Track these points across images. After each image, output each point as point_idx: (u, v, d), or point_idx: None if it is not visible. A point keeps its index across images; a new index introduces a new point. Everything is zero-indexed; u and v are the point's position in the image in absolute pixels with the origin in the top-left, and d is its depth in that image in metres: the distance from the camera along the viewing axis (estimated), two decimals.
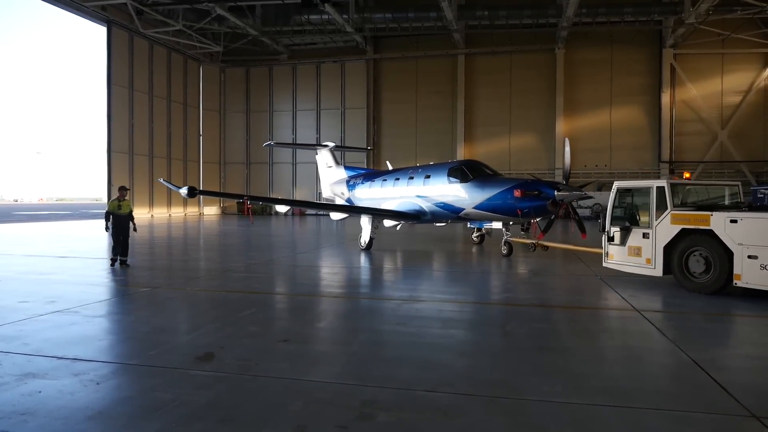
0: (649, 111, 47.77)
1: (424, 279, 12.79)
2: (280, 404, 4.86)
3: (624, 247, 11.21)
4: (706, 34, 44.42)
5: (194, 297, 10.37)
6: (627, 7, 43.03)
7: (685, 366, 5.96)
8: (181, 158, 53.14)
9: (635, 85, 47.88)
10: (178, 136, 52.61)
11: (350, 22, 45.49)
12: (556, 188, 14.47)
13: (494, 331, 7.67)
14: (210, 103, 56.92)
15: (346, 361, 6.18)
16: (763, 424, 4.42)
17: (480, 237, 20.75)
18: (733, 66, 46.47)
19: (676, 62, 46.68)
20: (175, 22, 44.88)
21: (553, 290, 11.23)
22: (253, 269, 14.02)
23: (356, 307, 9.54)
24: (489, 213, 15.84)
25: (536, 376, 5.60)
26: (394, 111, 52.57)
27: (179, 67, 52.52)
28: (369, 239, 18.18)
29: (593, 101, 48.34)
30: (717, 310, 8.87)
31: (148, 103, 48.49)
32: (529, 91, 49.31)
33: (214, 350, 6.56)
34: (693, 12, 40.46)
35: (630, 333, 7.54)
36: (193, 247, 21.79)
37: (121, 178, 43.45)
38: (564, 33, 45.57)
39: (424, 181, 18.12)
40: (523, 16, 44.56)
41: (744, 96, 46.23)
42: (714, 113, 46.72)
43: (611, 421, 4.52)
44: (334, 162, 25.38)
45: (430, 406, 4.82)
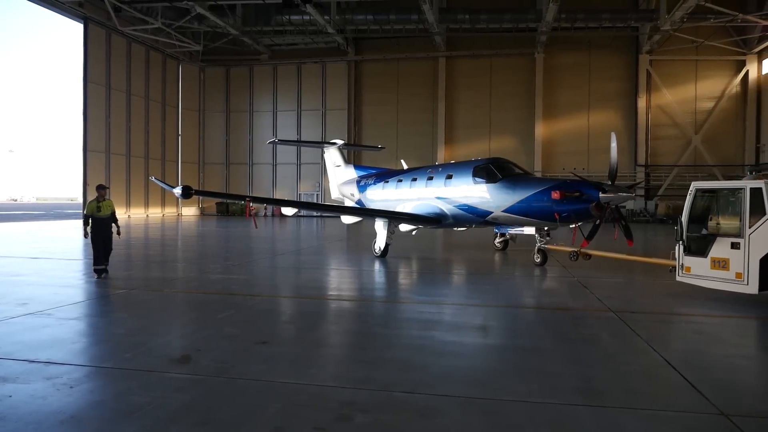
0: (625, 115, 48.59)
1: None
2: (258, 406, 4.84)
3: (705, 258, 9.58)
4: (680, 41, 45.37)
5: (171, 299, 10.25)
6: (605, 13, 43.78)
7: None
8: (159, 158, 52.49)
9: (612, 89, 48.68)
10: (156, 135, 51.96)
11: (331, 23, 45.43)
12: (601, 189, 12.84)
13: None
14: (189, 103, 56.34)
15: (324, 362, 6.17)
16: (731, 421, 4.53)
17: (503, 243, 19.23)
18: (706, 72, 47.54)
19: (651, 68, 47.59)
20: (153, 20, 44.34)
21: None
22: (231, 270, 13.90)
23: (335, 309, 9.53)
24: (521, 217, 14.24)
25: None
26: (375, 112, 52.64)
27: (158, 66, 51.89)
28: (385, 245, 16.58)
29: (572, 105, 49.03)
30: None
31: (125, 102, 47.81)
32: (508, 94, 49.81)
33: (191, 352, 6.50)
34: (668, 19, 41.32)
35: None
36: (171, 248, 21.53)
37: (98, 177, 42.75)
38: (543, 37, 46.13)
39: (445, 181, 16.50)
40: (504, 20, 45.05)
41: (717, 102, 47.32)
42: (688, 118, 47.72)
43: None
44: (343, 161, 23.57)
45: (408, 407, 4.84)
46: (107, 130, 45.62)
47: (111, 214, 12.33)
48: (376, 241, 16.88)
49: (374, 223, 17.25)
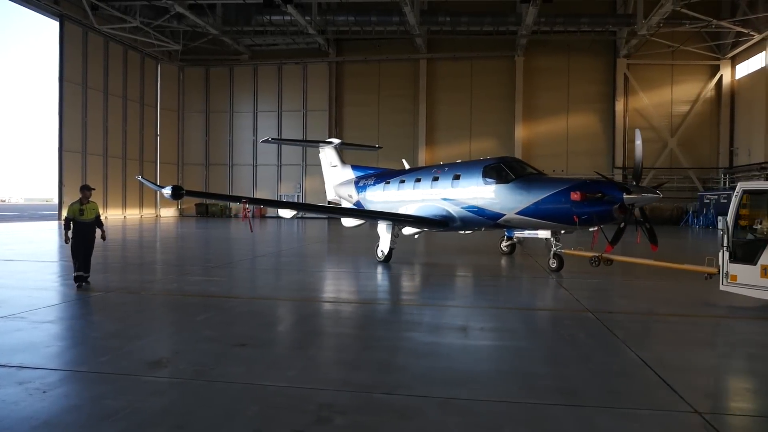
0: (603, 118, 49.31)
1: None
2: (236, 409, 4.80)
3: (755, 266, 8.75)
4: (657, 46, 46.20)
5: (149, 301, 10.12)
6: (583, 17, 44.40)
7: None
8: (137, 158, 51.78)
9: (591, 92, 49.37)
10: (134, 135, 51.25)
11: (313, 23, 45.30)
12: (626, 190, 11.98)
13: None
14: (168, 103, 55.71)
15: (303, 364, 6.15)
16: (704, 419, 4.62)
17: (510, 246, 18.42)
18: (682, 77, 48.48)
19: (629, 72, 48.36)
20: (132, 18, 43.76)
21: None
22: (210, 272, 13.77)
23: (316, 311, 9.49)
24: (536, 220, 13.27)
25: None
26: (356, 114, 52.64)
27: (136, 65, 51.21)
28: (389, 250, 15.69)
29: (551, 108, 49.59)
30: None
31: (102, 101, 47.08)
32: (489, 96, 50.21)
33: (169, 355, 6.43)
34: (645, 24, 42.02)
35: None
36: (149, 249, 21.26)
37: (74, 178, 42.05)
38: (523, 41, 46.56)
39: (452, 182, 15.56)
40: (484, 23, 45.39)
41: (692, 106, 48.28)
42: (664, 122, 48.58)
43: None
44: (340, 161, 22.61)
45: (386, 408, 4.84)
46: (84, 130, 44.86)
47: (95, 217, 11.27)
48: (378, 245, 15.98)
49: (377, 226, 16.38)
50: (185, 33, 50.39)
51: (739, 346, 7.29)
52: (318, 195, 52.72)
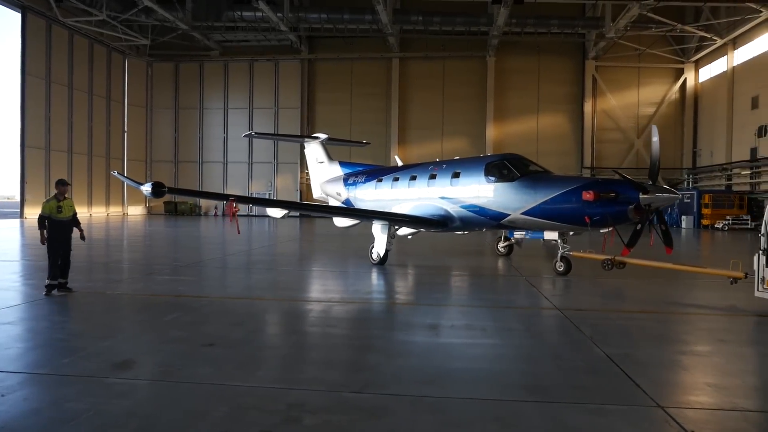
0: (572, 119, 50.21)
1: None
2: (203, 410, 4.72)
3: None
4: (624, 49, 47.24)
5: (115, 301, 9.88)
6: (553, 19, 45.11)
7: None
8: (104, 155, 50.62)
9: (560, 93, 50.20)
10: (100, 132, 50.09)
11: (284, 20, 44.94)
12: (642, 189, 11.24)
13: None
14: (135, 99, 54.60)
15: (273, 364, 6.09)
16: (666, 413, 4.73)
17: (507, 248, 17.63)
18: (648, 79, 49.68)
19: (597, 74, 49.34)
20: (98, 11, 42.73)
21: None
22: (179, 271, 13.54)
23: (287, 310, 9.42)
24: (543, 220, 12.53)
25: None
26: (328, 112, 52.47)
27: (102, 60, 50.02)
28: (384, 251, 14.80)
29: (522, 108, 50.27)
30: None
31: (67, 97, 45.88)
32: (461, 96, 50.61)
33: (135, 356, 6.30)
34: (613, 27, 42.94)
35: None
36: (116, 248, 20.79)
37: (37, 175, 40.93)
38: (495, 41, 47.05)
39: (451, 180, 14.78)
40: (456, 23, 45.72)
41: (657, 108, 49.55)
42: (631, 123, 49.73)
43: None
44: (327, 157, 21.44)
45: (357, 407, 4.83)
46: (47, 126, 43.65)
47: (73, 216, 10.32)
48: (373, 246, 15.08)
49: (371, 225, 15.43)
50: (154, 27, 49.44)
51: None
52: (289, 193, 52.45)
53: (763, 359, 6.66)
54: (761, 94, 39.06)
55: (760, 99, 39.19)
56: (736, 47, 42.69)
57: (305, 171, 53.41)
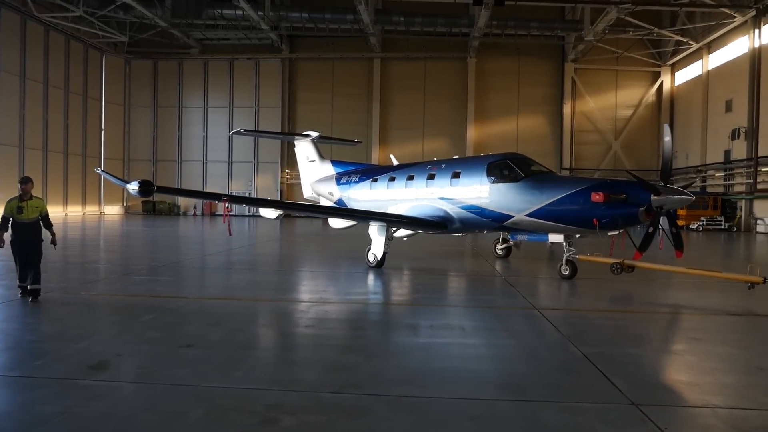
0: (551, 121, 50.78)
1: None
2: (180, 412, 4.67)
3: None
4: (602, 52, 47.96)
5: (91, 302, 9.72)
6: (533, 21, 45.61)
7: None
8: (80, 154, 49.81)
9: (540, 95, 50.75)
10: (76, 130, 49.27)
11: (265, 19, 44.69)
12: (654, 191, 10.74)
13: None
14: (113, 96, 53.81)
15: (251, 365, 6.05)
16: (641, 411, 4.81)
17: (506, 250, 17.18)
18: (625, 82, 50.49)
19: (576, 76, 49.98)
20: (74, 7, 42.00)
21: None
22: (156, 272, 13.38)
23: (267, 310, 9.36)
24: (549, 222, 12.10)
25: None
26: (309, 111, 52.32)
27: (79, 56, 49.21)
28: (382, 254, 14.21)
29: (502, 109, 50.69)
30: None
31: (42, 94, 45.06)
32: (442, 97, 50.86)
33: (110, 358, 6.20)
34: (591, 30, 43.56)
35: None
36: (92, 248, 20.46)
37: (10, 173, 40.06)
38: (476, 43, 47.38)
39: (451, 180, 14.35)
40: (438, 24, 45.92)
41: (634, 110, 50.37)
42: (609, 125, 50.47)
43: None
44: (318, 155, 20.94)
45: (335, 407, 4.82)
46: (22, 123, 42.82)
47: (39, 217, 9.52)
48: (370, 248, 14.46)
49: (364, 226, 14.97)
50: (132, 24, 48.82)
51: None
52: (270, 192, 52.16)
53: (735, 357, 6.81)
54: (735, 98, 39.94)
55: (734, 102, 40.07)
56: (711, 51, 43.58)
57: (286, 170, 53.28)
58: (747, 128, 38.05)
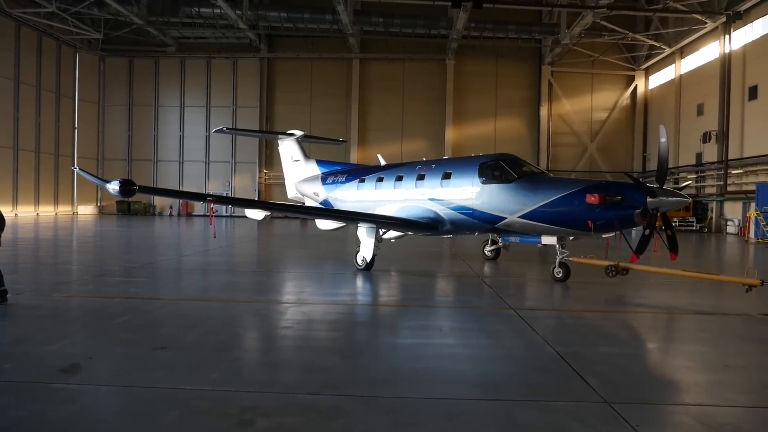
0: (529, 123, 51.36)
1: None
2: (153, 415, 4.61)
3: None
4: (579, 55, 48.66)
5: (62, 304, 9.53)
6: (511, 24, 46.08)
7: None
8: (52, 152, 48.80)
9: (517, 97, 51.29)
10: (48, 128, 48.26)
11: (243, 18, 44.35)
12: (650, 192, 10.58)
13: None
14: (87, 94, 52.85)
15: (227, 367, 6.00)
16: (613, 409, 4.90)
17: (494, 252, 17.05)
18: (601, 85, 51.31)
19: (553, 79, 50.64)
20: (47, 3, 41.16)
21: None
22: (131, 273, 13.17)
23: (243, 312, 9.29)
24: (543, 224, 11.92)
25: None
26: (287, 111, 52.09)
27: (51, 53, 48.23)
28: (371, 256, 13.95)
29: (480, 111, 51.11)
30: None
31: (12, 90, 44.05)
32: (420, 98, 51.07)
33: (82, 361, 6.08)
34: (568, 34, 44.17)
35: None
36: (65, 249, 20.04)
37: None
38: (454, 45, 47.70)
39: (441, 181, 14.13)
40: (417, 26, 46.10)
41: (610, 113, 51.21)
42: (584, 127, 51.24)
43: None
44: (303, 155, 20.66)
45: (311, 409, 4.81)
46: None
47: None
48: (359, 251, 14.21)
49: (355, 228, 14.58)
50: (107, 21, 48.03)
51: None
52: (247, 193, 51.75)
53: (705, 355, 6.97)
54: (706, 102, 40.87)
55: (705, 106, 41.01)
56: (683, 56, 44.54)
57: (264, 171, 52.93)
58: (717, 131, 38.97)
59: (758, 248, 25.29)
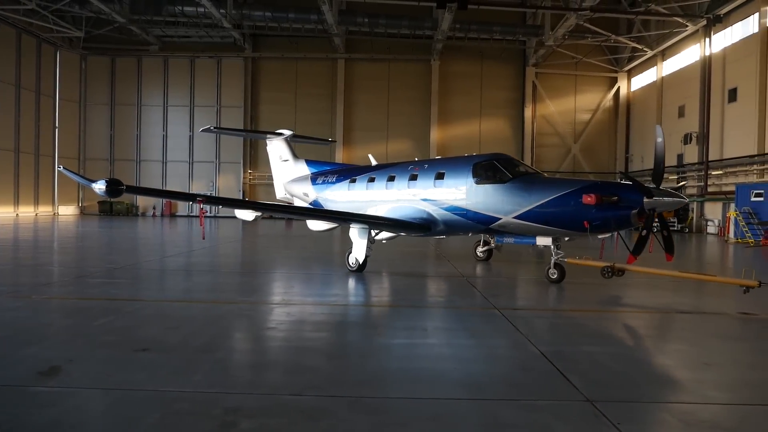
0: (513, 124, 51.69)
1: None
2: (134, 418, 4.55)
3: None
4: (562, 57, 49.09)
5: (42, 306, 9.38)
6: (495, 25, 46.33)
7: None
8: (32, 152, 48.04)
9: (502, 98, 51.59)
10: (28, 127, 47.51)
11: (228, 17, 44.06)
12: (647, 193, 10.46)
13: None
14: (68, 93, 52.11)
15: (210, 368, 5.94)
16: (595, 407, 4.94)
17: (487, 253, 16.97)
18: (584, 87, 51.82)
19: (537, 80, 51.02)
20: (27, 0, 40.46)
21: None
22: (113, 274, 13.01)
23: (226, 313, 9.21)
24: (538, 225, 11.78)
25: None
26: (272, 111, 51.84)
27: (31, 51, 47.48)
28: (363, 258, 13.71)
29: (465, 112, 51.33)
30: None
31: None
32: (406, 98, 51.16)
33: (62, 363, 5.99)
34: (552, 35, 44.55)
35: None
36: (45, 250, 19.74)
37: None
38: (439, 45, 47.85)
39: (435, 181, 13.93)
40: (402, 26, 46.16)
41: (593, 114, 51.73)
42: (568, 128, 51.70)
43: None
44: (292, 155, 20.48)
45: (295, 409, 4.79)
46: None
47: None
48: (351, 252, 13.98)
49: (346, 229, 14.45)
50: (88, 19, 47.41)
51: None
52: (232, 193, 51.43)
53: (685, 354, 7.06)
54: (687, 104, 41.46)
55: (686, 108, 41.60)
56: (665, 59, 45.14)
57: (248, 171, 52.63)
58: (698, 133, 39.54)
59: (738, 248, 25.73)
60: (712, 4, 37.50)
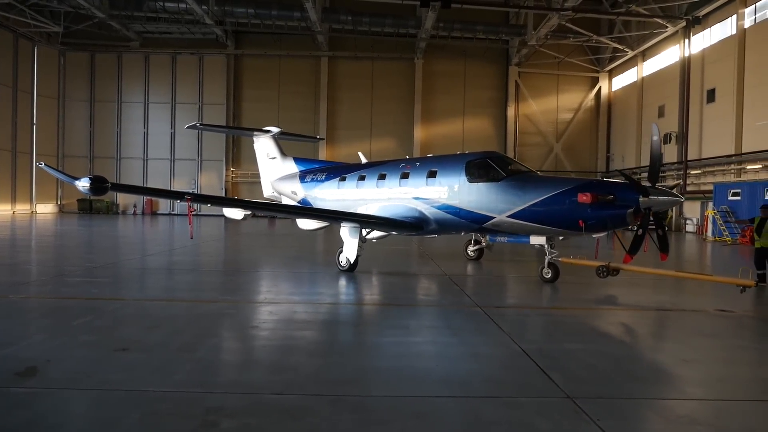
0: (496, 123, 51.96)
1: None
2: (114, 418, 4.50)
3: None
4: (545, 56, 49.45)
5: (19, 305, 9.22)
6: (479, 25, 46.53)
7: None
8: (9, 149, 47.10)
9: (485, 97, 51.82)
10: (5, 124, 46.56)
11: (210, 13, 43.63)
12: (643, 192, 10.36)
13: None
14: (46, 89, 51.14)
15: (191, 368, 5.89)
16: (575, 403, 5.00)
17: (478, 252, 16.84)
18: (566, 86, 52.26)
19: (520, 79, 51.34)
20: None
21: None
22: (92, 273, 12.82)
23: (207, 312, 9.14)
24: (532, 224, 11.61)
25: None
26: (255, 109, 51.43)
27: (7, 46, 46.50)
28: (355, 257, 13.53)
29: (448, 110, 51.46)
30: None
31: None
32: (389, 97, 51.13)
33: (39, 364, 5.90)
34: (534, 35, 44.86)
35: None
36: (23, 249, 19.38)
37: None
38: (423, 44, 47.92)
39: (426, 179, 13.68)
40: (385, 25, 46.10)
41: (574, 114, 52.21)
42: (550, 128, 52.13)
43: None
44: (279, 152, 20.16)
45: (277, 409, 4.77)
46: None
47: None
48: (342, 251, 13.76)
49: (339, 228, 14.14)
50: (67, 14, 46.53)
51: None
52: (214, 191, 50.97)
53: (665, 351, 7.17)
54: (667, 104, 42.04)
55: (666, 108, 42.18)
56: (645, 59, 45.71)
57: (231, 169, 52.21)
58: (678, 133, 40.12)
59: (716, 246, 26.20)
60: (691, 6, 38.06)
